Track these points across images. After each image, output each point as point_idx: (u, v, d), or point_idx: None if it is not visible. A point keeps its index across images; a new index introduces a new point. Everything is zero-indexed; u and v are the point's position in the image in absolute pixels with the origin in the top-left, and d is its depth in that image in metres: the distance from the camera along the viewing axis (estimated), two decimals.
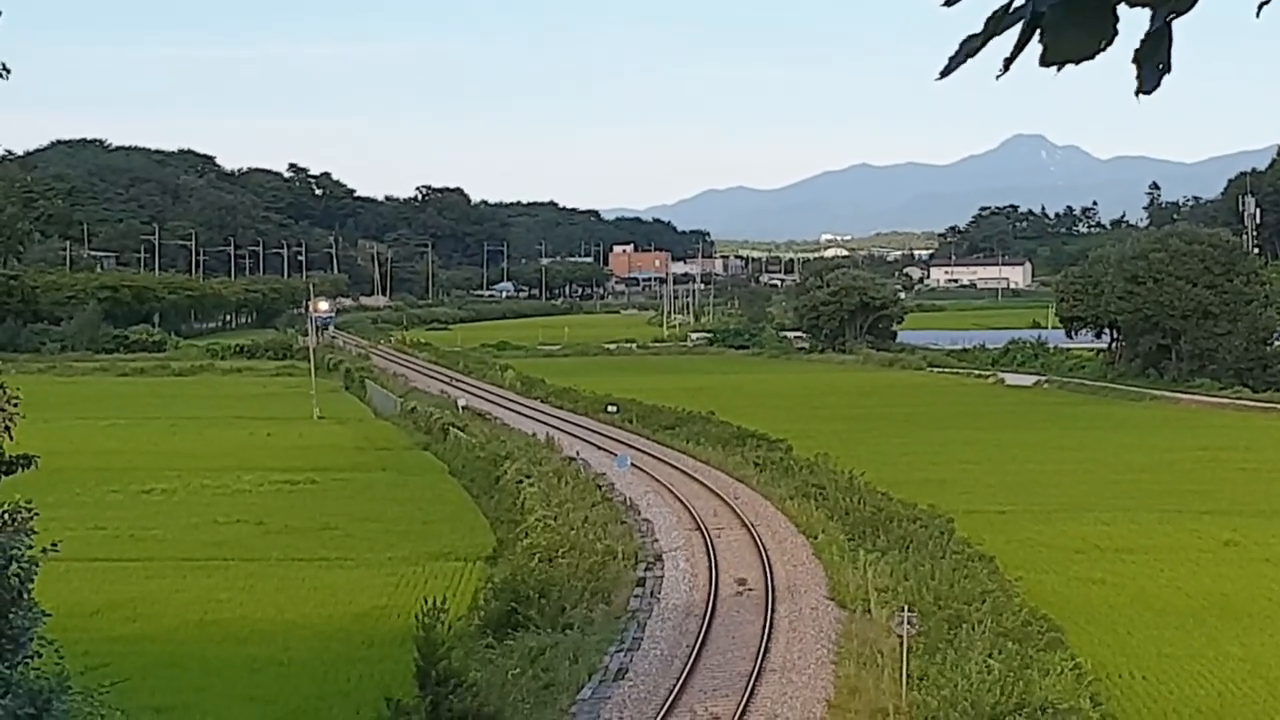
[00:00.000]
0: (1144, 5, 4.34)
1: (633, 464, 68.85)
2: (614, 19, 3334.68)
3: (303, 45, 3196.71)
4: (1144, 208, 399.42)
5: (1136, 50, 4.42)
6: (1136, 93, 4.47)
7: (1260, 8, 4.48)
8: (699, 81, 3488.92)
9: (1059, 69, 4.43)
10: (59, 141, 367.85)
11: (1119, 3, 4.34)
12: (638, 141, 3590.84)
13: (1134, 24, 4.44)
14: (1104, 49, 4.39)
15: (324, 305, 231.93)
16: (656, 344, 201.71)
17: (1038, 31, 4.37)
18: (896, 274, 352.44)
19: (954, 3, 4.52)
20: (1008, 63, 4.44)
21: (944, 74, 4.54)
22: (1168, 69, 4.44)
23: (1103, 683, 35.28)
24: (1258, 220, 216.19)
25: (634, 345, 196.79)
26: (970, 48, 4.44)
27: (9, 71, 26.93)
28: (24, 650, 22.87)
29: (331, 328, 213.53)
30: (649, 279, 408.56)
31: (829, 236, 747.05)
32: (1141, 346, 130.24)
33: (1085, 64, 4.43)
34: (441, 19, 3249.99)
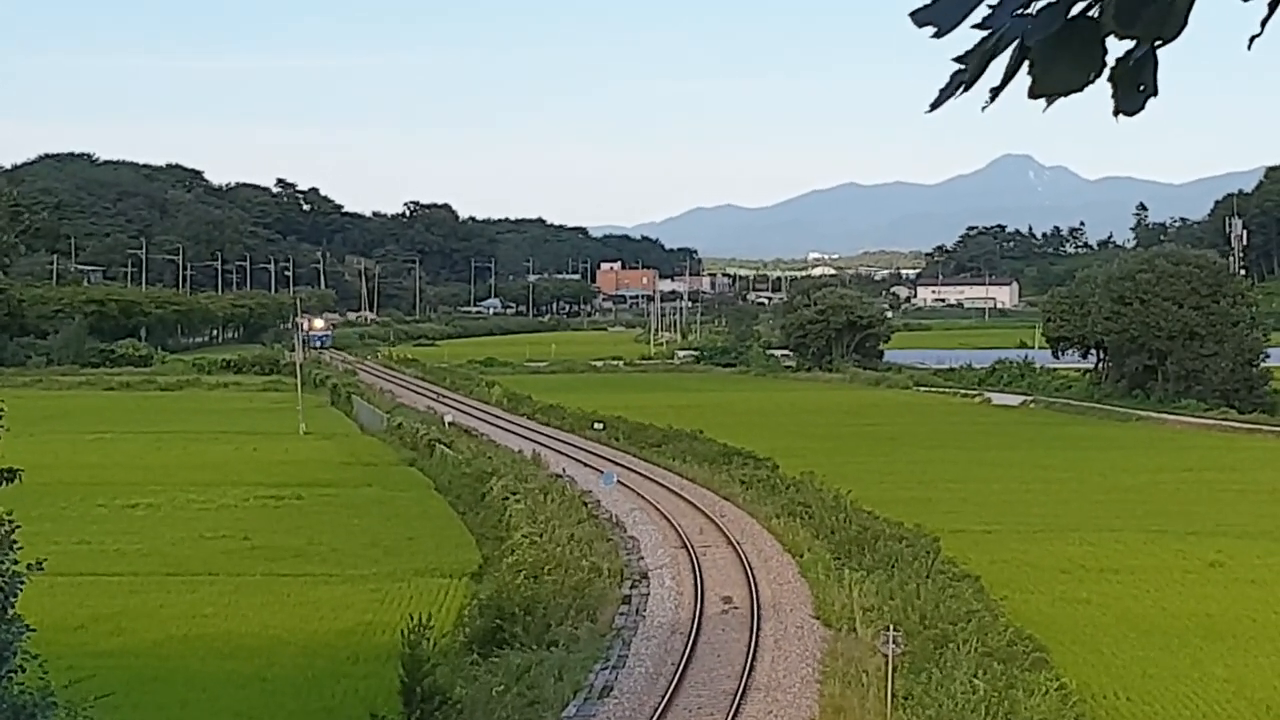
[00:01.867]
0: (1132, 37, 4.34)
1: (619, 481, 68.83)
2: (603, 37, 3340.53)
3: (292, 60, 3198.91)
4: (1131, 228, 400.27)
5: (1112, 70, 4.41)
6: (1115, 113, 4.47)
7: (1251, 40, 4.47)
8: (687, 99, 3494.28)
9: (1048, 101, 4.44)
10: (47, 155, 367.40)
11: (1108, 35, 4.34)
12: (626, 159, 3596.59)
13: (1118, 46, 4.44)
14: (1093, 81, 4.38)
15: (319, 323, 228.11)
16: (643, 361, 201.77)
17: (1026, 63, 4.37)
18: (883, 293, 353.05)
19: (945, 34, 4.50)
20: (994, 93, 4.44)
21: (934, 106, 4.54)
22: (1153, 92, 4.44)
23: (1087, 703, 35.29)
24: (1244, 242, 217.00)
25: (621, 362, 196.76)
26: (961, 79, 4.44)
27: None
28: (7, 665, 22.79)
29: (321, 345, 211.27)
30: (636, 296, 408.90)
31: (816, 255, 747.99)
32: (1128, 367, 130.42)
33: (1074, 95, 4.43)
34: (429, 36, 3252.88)
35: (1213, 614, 45.84)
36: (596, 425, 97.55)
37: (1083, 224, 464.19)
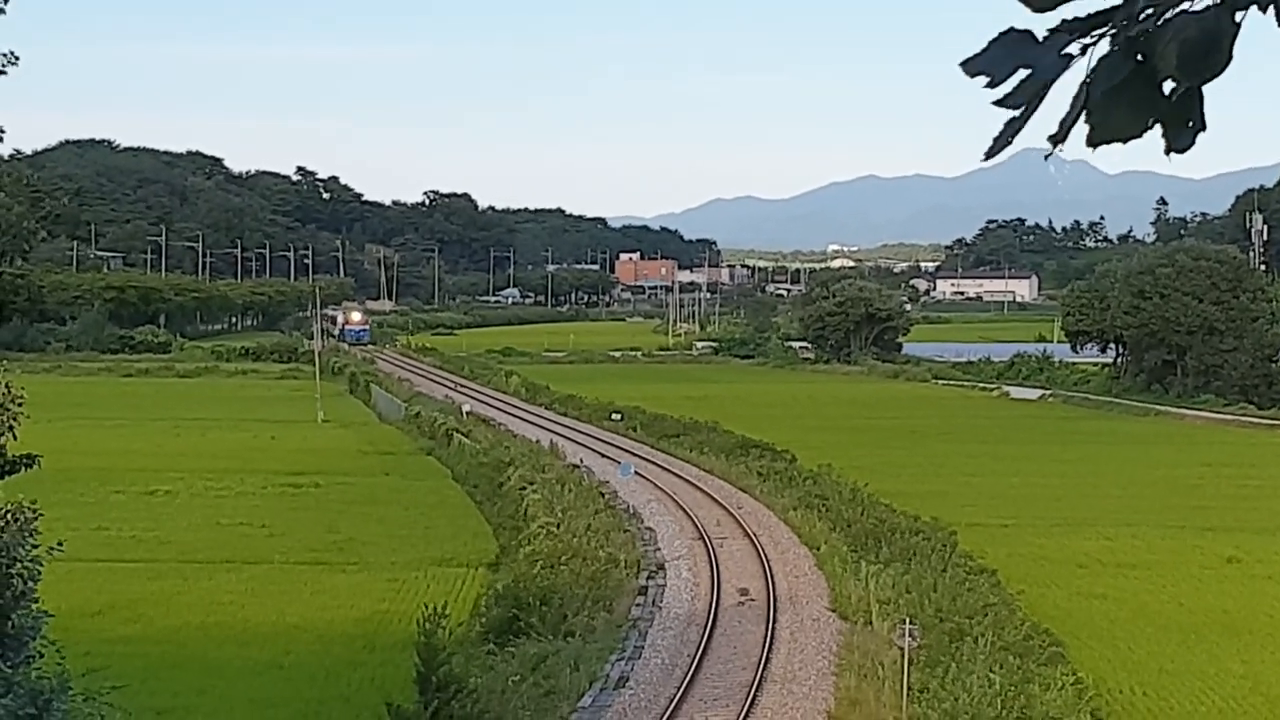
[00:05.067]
0: (1187, 81, 4.30)
1: (636, 472, 68.86)
2: (623, 27, 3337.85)
3: (312, 48, 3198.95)
4: (1151, 223, 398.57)
5: (1161, 110, 4.38)
6: (1167, 151, 4.43)
7: None
8: (708, 90, 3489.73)
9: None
10: (68, 141, 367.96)
11: (1165, 80, 4.30)
12: (646, 150, 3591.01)
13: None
14: (1150, 127, 4.36)
15: (356, 316, 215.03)
16: (661, 352, 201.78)
17: (1085, 113, 4.34)
18: (902, 286, 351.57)
19: (1009, 106, 4.45)
20: (1054, 141, 4.42)
21: (989, 155, 4.52)
22: (1202, 126, 4.41)
23: (1103, 698, 35.28)
24: (1265, 237, 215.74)
25: (639, 353, 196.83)
26: (1015, 126, 4.42)
27: (17, 59, 26.97)
28: (26, 650, 22.89)
29: (357, 340, 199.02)
30: (655, 287, 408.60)
31: (835, 247, 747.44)
32: (1147, 362, 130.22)
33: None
34: (451, 24, 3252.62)
35: (1230, 610, 45.80)
36: (614, 416, 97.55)
37: (1103, 218, 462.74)
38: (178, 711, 34.46)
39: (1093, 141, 4.37)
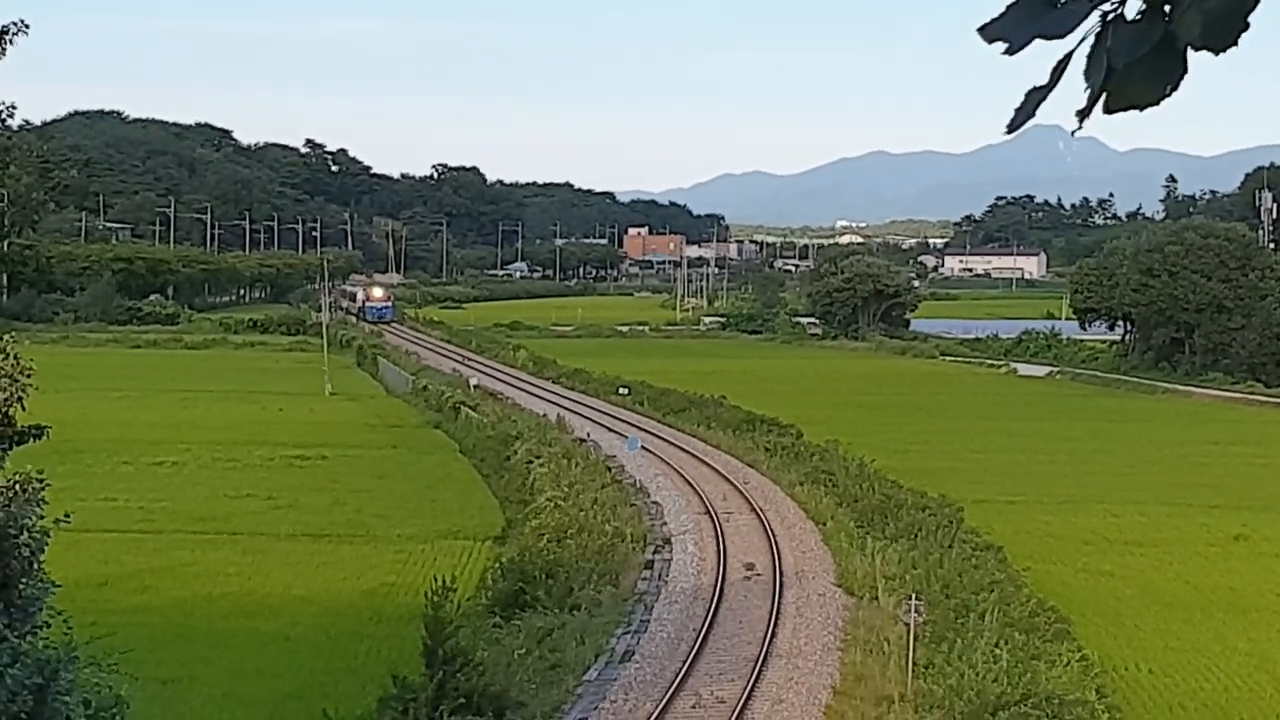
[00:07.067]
0: (1210, 49, 4.26)
1: (643, 446, 68.88)
2: (635, 5, 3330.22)
3: (322, 21, 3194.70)
4: (1160, 200, 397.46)
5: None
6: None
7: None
8: (717, 65, 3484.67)
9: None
10: (76, 112, 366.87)
11: (1186, 49, 4.26)
12: (654, 124, 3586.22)
13: None
14: (1169, 94, 4.33)
15: (378, 293, 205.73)
16: (669, 327, 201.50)
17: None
18: (911, 262, 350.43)
19: (1017, 51, 4.40)
20: (1082, 116, 4.38)
21: (1011, 128, 4.48)
22: (1183, 70, 4.38)
23: (1109, 675, 35.32)
24: (1274, 215, 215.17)
25: (647, 328, 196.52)
26: (1037, 98, 4.38)
27: (27, 27, 26.92)
28: (33, 620, 22.90)
29: (379, 319, 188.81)
30: (663, 262, 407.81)
31: (844, 223, 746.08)
32: (1155, 339, 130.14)
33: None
34: (461, 1, 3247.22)
35: (1236, 587, 45.84)
36: (621, 390, 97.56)
37: (1112, 195, 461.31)
38: (184, 682, 34.54)
39: (1110, 109, 4.33)
